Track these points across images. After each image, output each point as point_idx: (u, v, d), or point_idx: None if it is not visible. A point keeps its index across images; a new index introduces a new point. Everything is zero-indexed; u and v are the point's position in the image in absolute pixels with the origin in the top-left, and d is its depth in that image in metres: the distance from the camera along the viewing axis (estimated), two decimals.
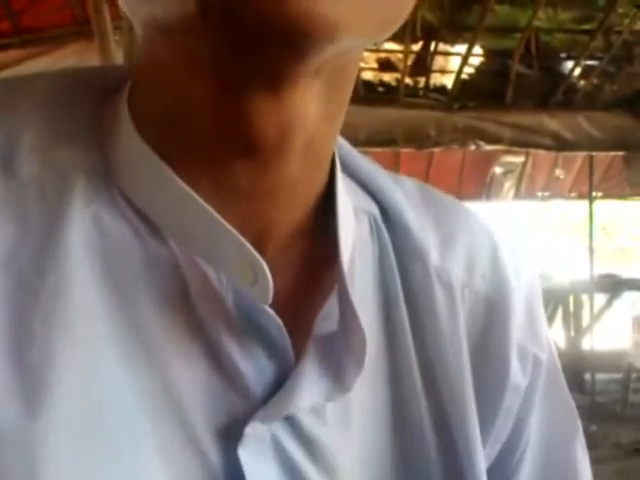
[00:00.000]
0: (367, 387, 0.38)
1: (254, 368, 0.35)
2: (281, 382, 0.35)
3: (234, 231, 0.32)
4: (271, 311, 0.34)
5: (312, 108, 0.32)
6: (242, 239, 0.32)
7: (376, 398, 0.40)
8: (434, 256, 0.42)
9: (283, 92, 0.30)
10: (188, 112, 0.32)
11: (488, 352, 0.43)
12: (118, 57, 2.24)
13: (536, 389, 0.45)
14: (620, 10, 3.47)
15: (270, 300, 0.33)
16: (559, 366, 0.48)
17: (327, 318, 0.37)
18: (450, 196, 0.47)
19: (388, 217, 0.42)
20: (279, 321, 0.34)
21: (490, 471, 0.43)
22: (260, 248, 0.35)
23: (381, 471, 0.39)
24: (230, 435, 0.34)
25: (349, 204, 0.40)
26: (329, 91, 0.32)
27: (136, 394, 0.32)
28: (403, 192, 0.44)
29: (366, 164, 0.44)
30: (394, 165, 4.56)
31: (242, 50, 0.28)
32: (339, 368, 0.36)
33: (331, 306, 0.37)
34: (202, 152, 0.33)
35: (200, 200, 0.32)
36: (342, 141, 0.42)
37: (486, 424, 0.43)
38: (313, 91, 0.31)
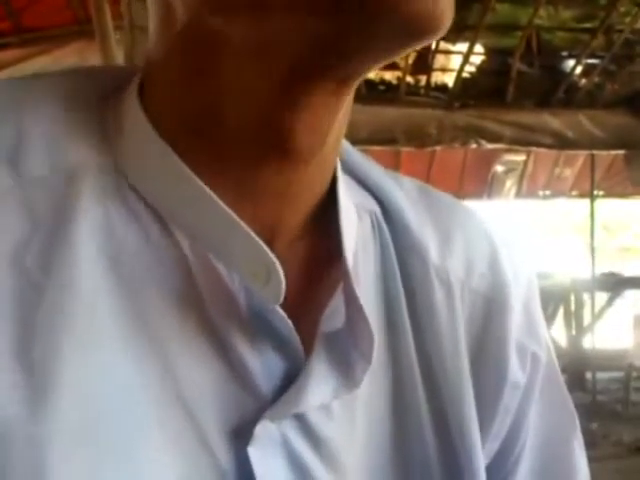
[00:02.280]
0: (369, 381, 0.38)
1: (264, 366, 0.35)
2: (291, 380, 0.35)
3: (250, 231, 0.33)
4: (282, 312, 0.34)
5: (341, 114, 0.33)
6: (258, 239, 0.33)
7: (377, 393, 0.40)
8: (433, 255, 0.42)
9: (344, 91, 0.31)
10: (228, 110, 0.32)
11: (487, 350, 0.43)
12: (119, 57, 2.24)
13: (534, 386, 0.45)
14: (621, 9, 3.46)
15: (281, 300, 0.33)
16: (557, 365, 0.48)
17: (333, 315, 0.37)
18: (448, 194, 0.48)
19: (388, 215, 0.43)
20: (289, 322, 0.34)
21: (488, 468, 0.43)
22: (269, 247, 0.35)
23: (382, 467, 0.40)
24: (240, 433, 0.34)
25: (350, 202, 0.40)
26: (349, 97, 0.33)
27: (145, 392, 0.32)
28: (402, 190, 0.44)
29: (365, 163, 0.44)
30: (395, 164, 4.56)
31: (348, 38, 0.28)
32: (347, 364, 0.36)
33: (337, 303, 0.37)
34: (231, 151, 0.33)
35: (216, 198, 0.32)
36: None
37: (486, 422, 0.43)
38: (348, 98, 0.32)
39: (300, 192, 0.35)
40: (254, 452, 0.33)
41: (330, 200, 0.38)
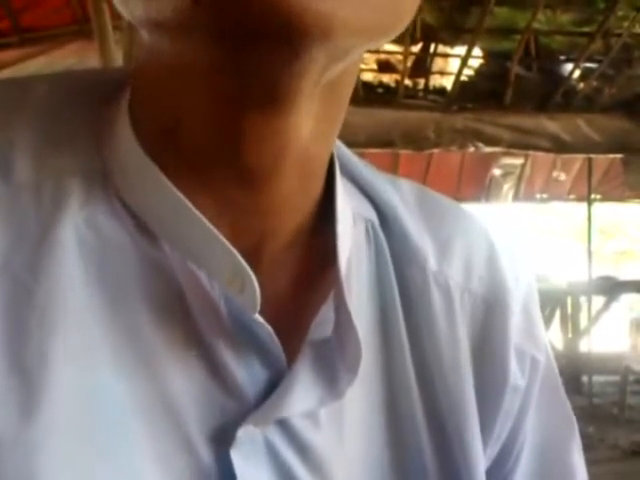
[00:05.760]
0: (362, 391, 0.38)
1: (247, 372, 0.35)
2: (274, 386, 0.35)
3: (224, 240, 0.33)
4: (260, 318, 0.34)
5: (308, 128, 0.32)
6: (231, 248, 0.33)
7: (371, 403, 0.40)
8: (431, 260, 0.42)
9: (280, 109, 0.30)
10: (185, 124, 0.32)
11: (488, 354, 0.43)
12: (118, 57, 2.24)
13: (533, 390, 0.45)
14: (620, 13, 3.47)
15: (258, 308, 0.33)
16: (556, 369, 0.48)
17: (322, 323, 0.37)
18: (447, 198, 0.47)
19: (385, 221, 0.42)
20: (269, 328, 0.34)
21: (487, 471, 0.43)
22: (257, 253, 0.35)
23: (376, 476, 0.39)
24: (223, 438, 0.34)
25: (348, 208, 0.40)
26: (325, 109, 0.32)
27: (131, 397, 0.32)
28: (400, 195, 0.44)
29: (363, 166, 0.44)
30: (393, 166, 4.56)
31: (235, 51, 0.27)
32: (332, 374, 0.36)
33: (327, 311, 0.37)
34: (198, 166, 0.33)
35: (192, 208, 0.32)
36: (338, 143, 0.42)
37: (487, 426, 0.43)
38: (309, 111, 0.31)
39: (283, 203, 0.35)
40: (236, 455, 0.34)
41: (328, 204, 0.38)
